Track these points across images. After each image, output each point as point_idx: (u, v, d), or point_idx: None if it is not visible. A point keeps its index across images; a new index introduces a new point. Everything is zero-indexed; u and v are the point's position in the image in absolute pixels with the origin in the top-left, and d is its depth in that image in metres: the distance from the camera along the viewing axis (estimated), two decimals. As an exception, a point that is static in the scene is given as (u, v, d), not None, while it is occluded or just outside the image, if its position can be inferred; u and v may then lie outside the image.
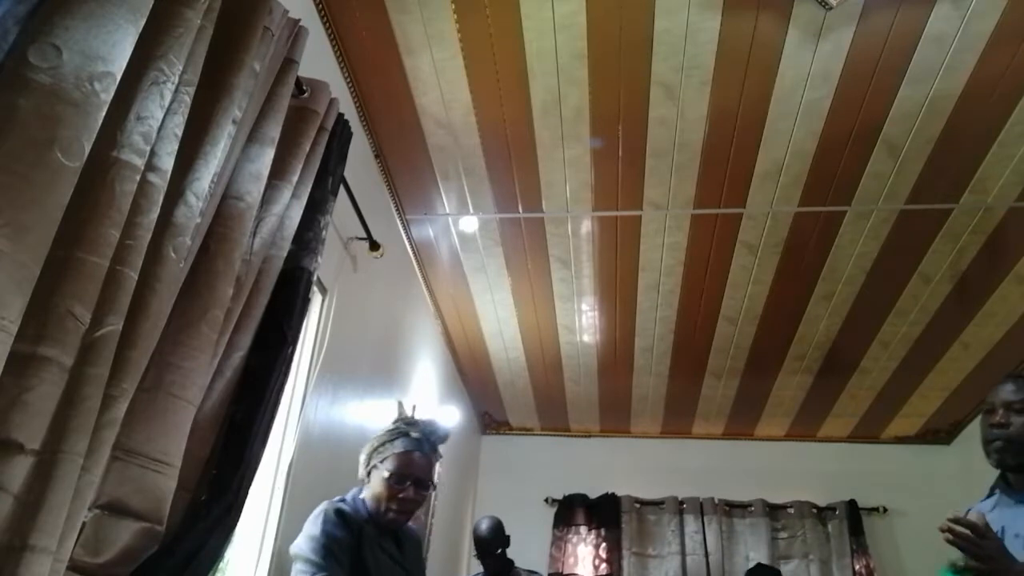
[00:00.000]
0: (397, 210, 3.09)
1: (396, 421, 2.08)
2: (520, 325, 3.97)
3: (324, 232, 1.78)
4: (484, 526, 3.34)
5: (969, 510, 1.71)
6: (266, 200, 1.52)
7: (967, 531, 1.55)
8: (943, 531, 1.57)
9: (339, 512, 1.86)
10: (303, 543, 1.80)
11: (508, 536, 3.37)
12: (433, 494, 3.55)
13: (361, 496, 1.97)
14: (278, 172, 1.55)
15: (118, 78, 1.02)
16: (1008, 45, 2.21)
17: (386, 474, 1.92)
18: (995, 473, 1.85)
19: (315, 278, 1.74)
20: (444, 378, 4.13)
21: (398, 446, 1.95)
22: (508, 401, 5.01)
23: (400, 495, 1.91)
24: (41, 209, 0.91)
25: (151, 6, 1.08)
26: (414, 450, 1.96)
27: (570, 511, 5.03)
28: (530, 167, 2.81)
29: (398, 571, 1.94)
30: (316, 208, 1.73)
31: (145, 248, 1.08)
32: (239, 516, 1.37)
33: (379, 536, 1.92)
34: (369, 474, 1.98)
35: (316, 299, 2.31)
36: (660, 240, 3.21)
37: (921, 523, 4.37)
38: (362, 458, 2.01)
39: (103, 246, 1.00)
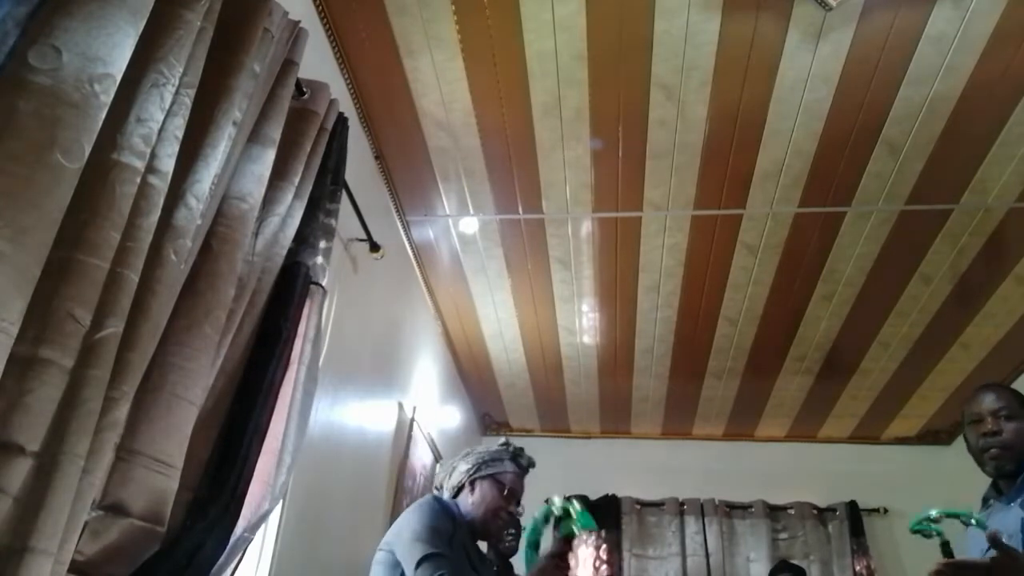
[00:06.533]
0: (397, 211, 3.08)
1: (503, 444, 2.19)
2: (520, 326, 3.97)
3: (327, 225, 1.78)
4: None
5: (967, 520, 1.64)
6: (268, 201, 1.52)
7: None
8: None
9: (443, 505, 1.95)
10: (413, 528, 1.84)
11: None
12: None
13: (455, 501, 2.05)
14: (279, 173, 1.55)
15: (118, 80, 1.02)
16: (1008, 45, 2.21)
17: (502, 488, 2.04)
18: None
19: (321, 272, 1.74)
20: (444, 379, 4.13)
21: (511, 467, 2.09)
22: (508, 402, 5.00)
23: (508, 510, 2.06)
24: (41, 211, 0.91)
25: (151, 8, 1.08)
26: (523, 476, 2.13)
27: (570, 512, 5.02)
28: (530, 168, 2.81)
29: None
30: (315, 205, 1.74)
31: (146, 250, 1.08)
32: (238, 514, 1.37)
33: (468, 539, 1.99)
34: (472, 484, 2.06)
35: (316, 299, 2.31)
36: (660, 241, 3.21)
37: (922, 524, 4.35)
38: (463, 467, 2.09)
39: (103, 248, 1.00)
